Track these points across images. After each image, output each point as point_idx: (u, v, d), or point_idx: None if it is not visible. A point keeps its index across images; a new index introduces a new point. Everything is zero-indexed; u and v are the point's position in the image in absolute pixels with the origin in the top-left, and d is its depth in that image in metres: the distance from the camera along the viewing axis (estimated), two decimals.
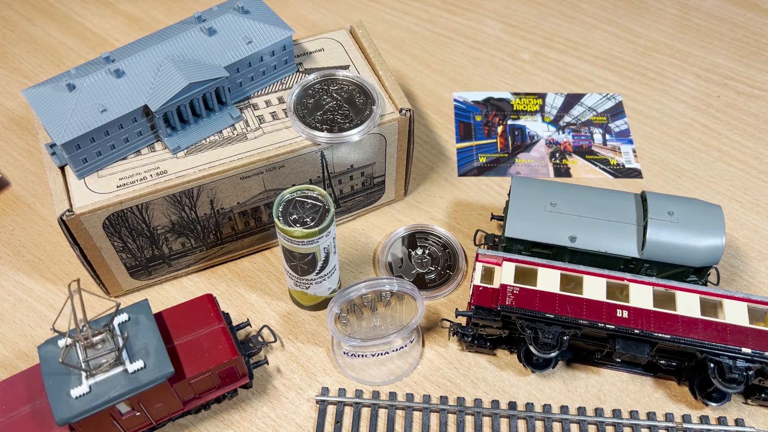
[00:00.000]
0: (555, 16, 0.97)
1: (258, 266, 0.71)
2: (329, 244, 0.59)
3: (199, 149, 0.61)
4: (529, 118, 0.85)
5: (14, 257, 0.71)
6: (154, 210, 0.60)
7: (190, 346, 0.55)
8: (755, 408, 0.62)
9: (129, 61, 0.59)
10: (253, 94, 0.66)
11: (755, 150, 0.81)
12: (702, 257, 0.62)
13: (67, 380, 0.50)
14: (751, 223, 0.74)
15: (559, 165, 0.80)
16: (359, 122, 0.63)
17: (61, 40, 0.93)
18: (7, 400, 0.52)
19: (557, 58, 0.91)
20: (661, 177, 0.78)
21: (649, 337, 0.58)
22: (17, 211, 0.75)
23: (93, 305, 0.66)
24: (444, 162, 0.80)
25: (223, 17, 0.63)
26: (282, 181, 0.64)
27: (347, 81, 0.66)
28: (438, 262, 0.71)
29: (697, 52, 0.92)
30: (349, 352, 0.64)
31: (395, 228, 0.74)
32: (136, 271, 0.66)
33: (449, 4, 0.98)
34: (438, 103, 0.86)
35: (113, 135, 0.58)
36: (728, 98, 0.87)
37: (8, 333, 0.66)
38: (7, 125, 0.83)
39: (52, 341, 0.52)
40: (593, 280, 0.61)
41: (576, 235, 0.63)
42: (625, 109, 0.86)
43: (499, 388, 0.63)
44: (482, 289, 0.61)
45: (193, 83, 0.59)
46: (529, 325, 0.59)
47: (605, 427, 0.60)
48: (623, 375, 0.64)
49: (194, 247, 0.67)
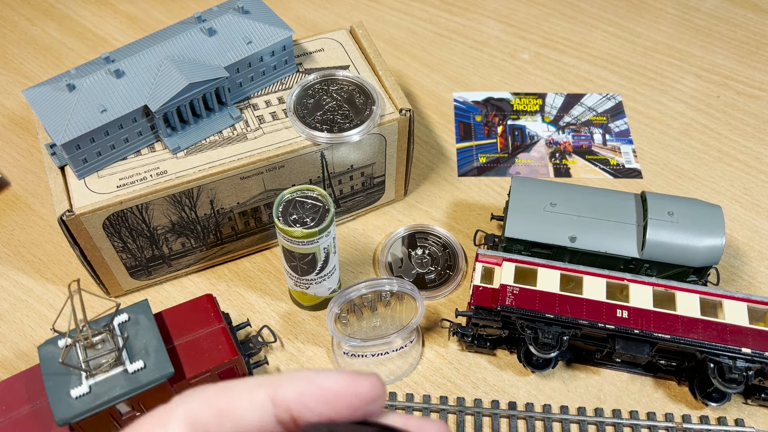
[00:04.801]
0: (555, 16, 0.97)
1: (258, 266, 0.71)
2: (329, 244, 0.59)
3: (199, 149, 0.61)
4: (529, 118, 0.85)
5: (14, 257, 0.71)
6: (154, 210, 0.60)
7: (190, 347, 0.55)
8: (755, 408, 0.62)
9: (129, 61, 0.59)
10: (253, 94, 0.66)
11: (755, 150, 0.81)
12: (702, 257, 0.62)
13: (67, 380, 0.50)
14: (751, 223, 0.74)
15: (559, 165, 0.80)
16: (359, 122, 0.63)
17: (61, 40, 0.93)
18: (7, 400, 0.52)
19: (557, 58, 0.91)
20: (661, 177, 0.78)
21: (649, 337, 0.58)
22: (17, 211, 0.75)
23: (93, 305, 0.66)
24: (444, 162, 0.80)
25: (223, 17, 0.63)
26: (282, 181, 0.64)
27: (347, 81, 0.66)
28: (438, 262, 0.71)
29: (697, 52, 0.92)
30: (349, 352, 0.64)
31: (395, 228, 0.74)
32: (136, 271, 0.66)
33: (449, 4, 0.98)
34: (438, 103, 0.86)
35: (113, 135, 0.58)
36: (728, 98, 0.87)
37: (8, 333, 0.66)
38: (7, 125, 0.83)
39: (52, 341, 0.52)
40: (593, 280, 0.61)
41: (576, 235, 0.63)
42: (625, 109, 0.86)
43: (499, 388, 0.63)
44: (482, 289, 0.61)
45: (193, 83, 0.59)
46: (529, 325, 0.59)
47: (605, 427, 0.60)
48: (623, 375, 0.64)
49: (194, 247, 0.67)
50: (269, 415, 0.24)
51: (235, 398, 0.24)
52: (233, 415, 0.24)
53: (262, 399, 0.24)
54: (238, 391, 0.25)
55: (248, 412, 0.24)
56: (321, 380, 0.24)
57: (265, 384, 0.25)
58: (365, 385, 0.25)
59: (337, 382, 0.24)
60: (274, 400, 0.24)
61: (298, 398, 0.24)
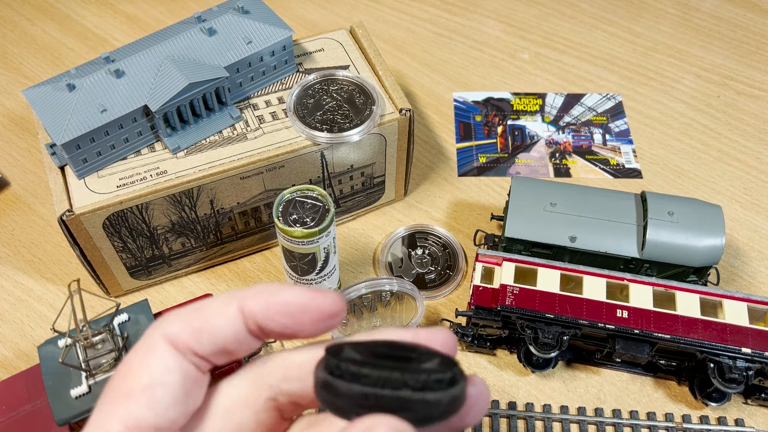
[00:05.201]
0: (555, 16, 0.97)
1: (258, 266, 0.71)
2: (329, 244, 0.59)
3: (199, 149, 0.61)
4: (529, 118, 0.85)
5: (14, 257, 0.71)
6: (154, 210, 0.60)
7: None
8: (755, 408, 0.62)
9: (129, 61, 0.59)
10: (253, 94, 0.66)
11: (755, 150, 0.81)
12: (702, 257, 0.62)
13: (67, 380, 0.50)
14: (751, 223, 0.74)
15: (559, 165, 0.80)
16: (359, 122, 0.63)
17: (61, 40, 0.93)
18: (7, 400, 0.52)
19: (557, 58, 0.91)
20: (661, 177, 0.78)
21: (649, 337, 0.58)
22: (17, 211, 0.75)
23: (93, 305, 0.66)
24: (444, 162, 0.80)
25: (223, 17, 0.63)
26: (282, 181, 0.64)
27: (347, 81, 0.66)
28: (438, 262, 0.71)
29: (697, 52, 0.92)
30: None
31: (395, 228, 0.74)
32: (136, 271, 0.66)
33: (449, 4, 0.98)
34: (438, 103, 0.86)
35: (113, 135, 0.58)
36: (728, 98, 0.87)
37: (8, 333, 0.66)
38: (7, 125, 0.83)
39: (52, 341, 0.52)
40: (593, 280, 0.61)
41: (576, 235, 0.63)
42: (625, 109, 0.86)
43: (498, 388, 0.63)
44: (482, 289, 0.61)
45: (193, 83, 0.59)
46: (529, 325, 0.59)
47: (605, 427, 0.60)
48: (623, 375, 0.64)
49: (194, 247, 0.67)
50: (241, 326, 0.26)
51: (209, 315, 0.26)
52: (209, 331, 0.26)
53: (233, 312, 0.26)
54: (211, 308, 0.27)
55: (222, 327, 0.26)
56: (285, 295, 0.26)
57: (234, 298, 0.27)
58: (326, 301, 0.26)
59: (299, 297, 0.26)
60: (243, 312, 0.26)
61: (264, 312, 0.26)
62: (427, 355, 0.24)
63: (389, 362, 0.23)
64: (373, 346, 0.24)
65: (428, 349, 0.25)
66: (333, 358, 0.24)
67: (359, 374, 0.23)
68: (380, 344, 0.25)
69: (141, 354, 0.26)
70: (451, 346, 0.27)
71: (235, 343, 0.27)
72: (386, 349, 0.24)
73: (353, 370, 0.23)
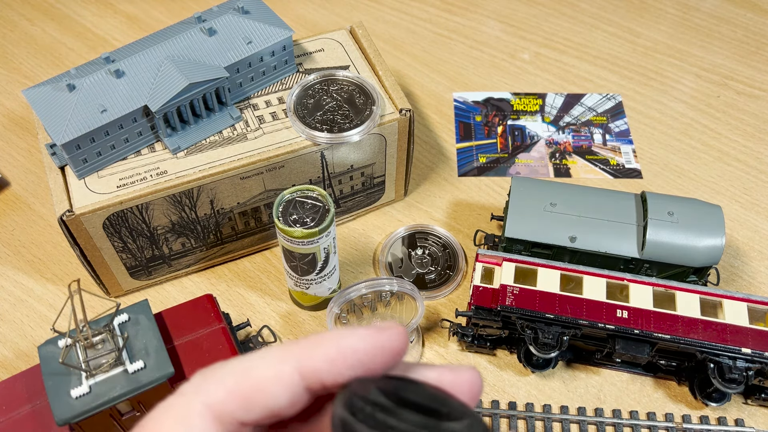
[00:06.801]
0: (555, 16, 0.97)
1: (258, 266, 0.71)
2: (329, 245, 0.59)
3: (199, 149, 0.61)
4: (529, 118, 0.85)
5: (14, 257, 0.71)
6: (154, 210, 0.60)
7: (190, 347, 0.55)
8: (755, 408, 0.62)
9: (129, 61, 0.59)
10: (253, 94, 0.66)
11: (755, 150, 0.81)
12: (702, 257, 0.62)
13: (67, 380, 0.50)
14: (751, 223, 0.74)
15: (559, 165, 0.80)
16: (359, 122, 0.63)
17: (61, 40, 0.93)
18: (7, 400, 0.52)
19: (557, 58, 0.91)
20: (661, 177, 0.78)
21: (649, 337, 0.58)
22: (17, 211, 0.75)
23: (93, 305, 0.66)
24: (444, 162, 0.80)
25: (223, 17, 0.63)
26: (282, 181, 0.64)
27: (347, 81, 0.66)
28: (438, 262, 0.71)
29: (697, 52, 0.92)
30: None
31: (395, 228, 0.74)
32: (136, 271, 0.66)
33: (449, 4, 0.98)
34: (438, 103, 0.86)
35: (113, 135, 0.58)
36: (728, 98, 0.87)
37: (8, 333, 0.66)
38: (7, 125, 0.83)
39: (52, 341, 0.51)
40: (593, 281, 0.61)
41: (576, 235, 0.63)
42: (625, 109, 0.86)
43: (499, 388, 0.63)
44: (482, 289, 0.61)
45: (193, 83, 0.59)
46: (529, 325, 0.59)
47: (605, 427, 0.60)
48: (623, 375, 0.64)
49: (194, 247, 0.67)
50: (299, 389, 0.23)
51: (260, 380, 0.23)
52: (261, 398, 0.23)
53: (289, 375, 0.23)
54: (261, 371, 0.23)
55: (277, 392, 0.23)
56: (348, 342, 0.23)
57: (289, 358, 0.23)
58: (392, 338, 0.23)
59: (364, 341, 0.23)
60: (302, 374, 0.23)
61: (330, 368, 0.23)
62: (457, 411, 0.22)
63: (417, 417, 0.21)
64: (402, 389, 0.23)
65: (461, 404, 0.23)
66: (357, 398, 0.22)
67: (385, 425, 0.21)
68: (410, 389, 0.23)
69: (173, 420, 0.22)
70: (478, 388, 0.25)
71: (290, 407, 0.23)
72: (415, 397, 0.23)
73: (379, 418, 0.21)
